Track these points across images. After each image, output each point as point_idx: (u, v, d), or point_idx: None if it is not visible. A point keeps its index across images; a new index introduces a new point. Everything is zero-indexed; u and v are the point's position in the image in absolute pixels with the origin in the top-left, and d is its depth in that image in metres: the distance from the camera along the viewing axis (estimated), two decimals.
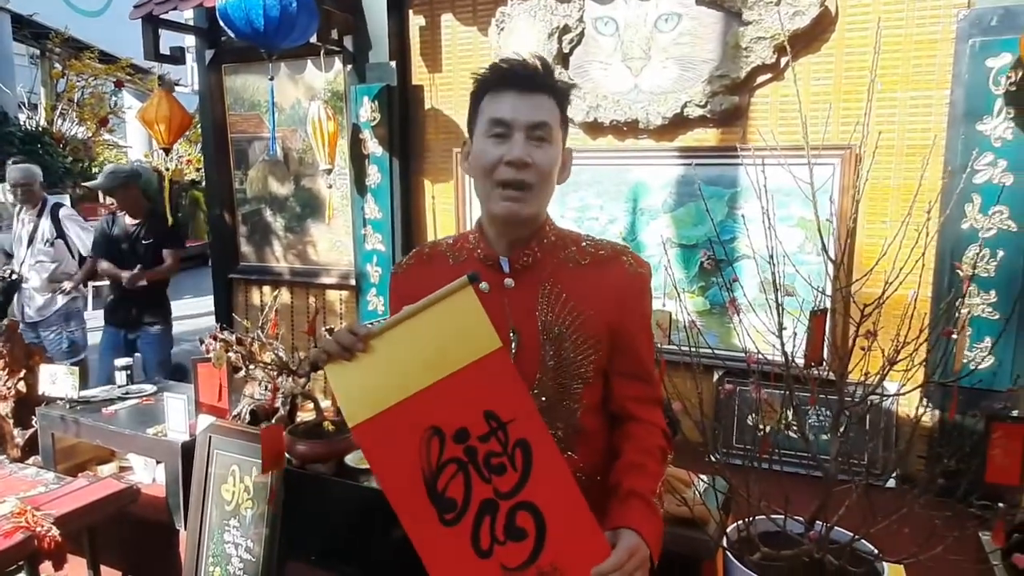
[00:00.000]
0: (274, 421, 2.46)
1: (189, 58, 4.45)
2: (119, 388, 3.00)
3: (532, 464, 1.10)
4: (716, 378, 2.79)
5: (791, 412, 1.70)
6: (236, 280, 4.24)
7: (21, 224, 4.23)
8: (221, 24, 2.95)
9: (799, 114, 2.60)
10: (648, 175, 2.99)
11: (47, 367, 2.93)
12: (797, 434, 1.71)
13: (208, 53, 4.02)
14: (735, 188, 2.81)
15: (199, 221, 13.57)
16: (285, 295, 4.01)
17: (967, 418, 2.30)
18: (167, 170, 6.13)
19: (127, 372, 3.05)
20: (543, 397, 1.24)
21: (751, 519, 1.67)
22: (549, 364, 1.24)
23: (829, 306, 1.79)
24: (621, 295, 1.26)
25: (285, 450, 2.18)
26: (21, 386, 2.90)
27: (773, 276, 1.64)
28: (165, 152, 4.11)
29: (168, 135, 3.77)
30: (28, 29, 10.19)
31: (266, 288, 4.15)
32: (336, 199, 3.73)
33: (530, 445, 1.10)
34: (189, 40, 4.25)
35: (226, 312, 4.22)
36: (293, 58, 3.69)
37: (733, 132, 2.84)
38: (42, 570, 2.09)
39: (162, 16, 3.58)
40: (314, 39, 3.27)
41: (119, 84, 10.08)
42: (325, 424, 2.30)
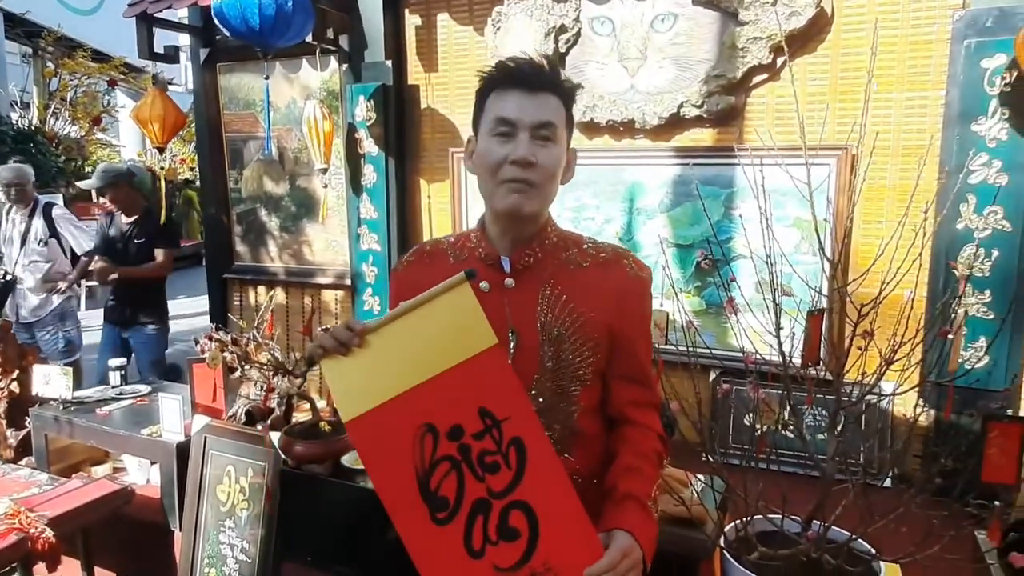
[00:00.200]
0: (269, 422, 2.45)
1: (183, 57, 4.43)
2: (113, 388, 2.98)
3: (526, 463, 1.08)
4: (712, 378, 2.79)
5: (788, 412, 1.70)
6: (231, 280, 4.23)
7: (12, 224, 4.20)
8: (216, 23, 2.94)
9: (795, 114, 2.61)
10: (644, 175, 2.99)
11: (40, 367, 2.91)
12: (794, 434, 1.71)
13: (203, 52, 4.01)
14: (731, 188, 2.82)
15: (193, 221, 13.53)
16: (280, 295, 4.00)
17: (963, 417, 2.31)
18: (161, 169, 6.10)
19: (121, 372, 3.03)
20: (540, 398, 1.24)
21: (749, 519, 1.67)
22: (547, 365, 1.23)
23: (826, 306, 1.79)
24: (621, 298, 1.25)
25: (280, 451, 2.18)
26: (14, 387, 2.88)
27: (771, 276, 1.64)
28: (159, 151, 4.10)
29: (162, 134, 3.76)
30: (20, 27, 10.11)
31: (261, 288, 4.14)
32: (331, 199, 3.72)
33: (524, 444, 1.09)
34: (183, 39, 4.23)
35: (221, 312, 4.20)
36: (288, 57, 3.68)
37: (729, 132, 2.84)
38: (36, 572, 2.08)
39: (157, 15, 3.57)
40: (310, 38, 3.27)
41: (112, 83, 10.02)
42: (321, 424, 2.29)
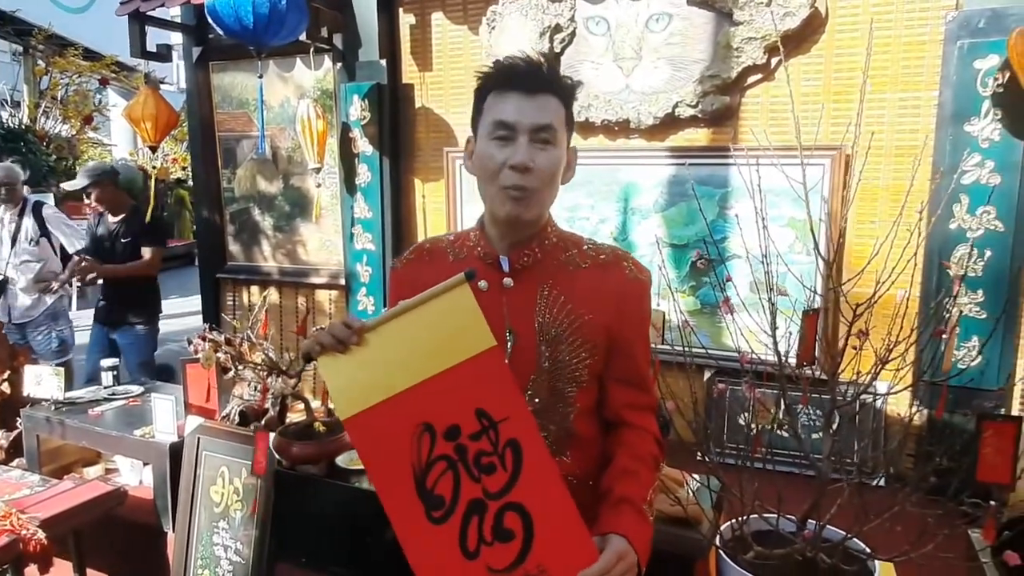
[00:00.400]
0: (264, 422, 2.44)
1: (175, 56, 4.41)
2: (105, 389, 2.96)
3: (522, 465, 1.09)
4: (707, 377, 2.80)
5: (784, 411, 1.70)
6: (224, 280, 4.21)
7: (2, 224, 4.16)
8: (209, 21, 2.92)
9: (789, 115, 2.62)
10: (639, 175, 3.00)
11: (32, 368, 2.90)
12: (790, 433, 1.72)
13: (195, 50, 3.99)
14: (726, 188, 2.82)
15: (185, 220, 13.47)
16: (274, 295, 3.99)
17: (956, 417, 2.33)
18: (153, 168, 6.07)
19: (113, 373, 3.01)
20: (536, 399, 1.24)
21: (744, 518, 1.67)
22: (544, 366, 1.23)
23: (821, 306, 1.79)
24: (620, 300, 1.25)
25: (275, 452, 2.17)
26: (5, 387, 2.87)
27: (767, 276, 1.64)
28: (151, 150, 4.08)
29: (155, 133, 3.74)
30: (11, 26, 10.03)
31: (254, 288, 4.12)
32: (325, 198, 3.71)
33: (521, 446, 1.09)
34: (176, 37, 4.21)
35: (214, 312, 4.18)
36: (282, 56, 3.67)
37: (724, 132, 2.85)
38: (27, 574, 2.07)
39: (149, 13, 3.54)
40: (303, 37, 3.26)
41: (104, 82, 9.96)
42: (316, 425, 2.28)
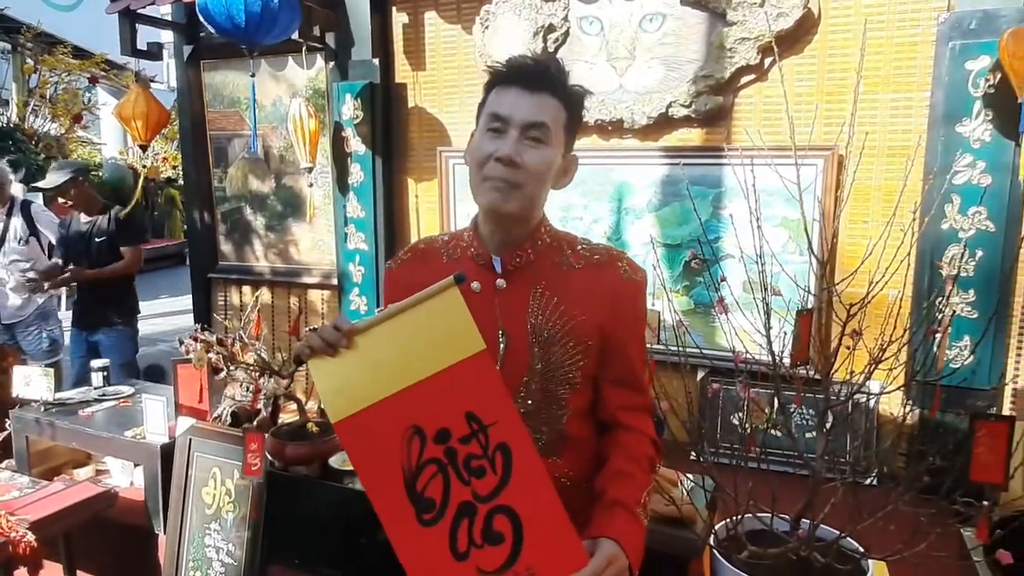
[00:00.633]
0: (256, 423, 2.43)
1: (166, 54, 4.38)
2: (95, 390, 2.94)
3: (512, 468, 1.09)
4: (701, 377, 2.80)
5: (778, 411, 1.70)
6: (215, 280, 4.18)
7: None
8: (201, 19, 2.90)
9: (783, 115, 2.63)
10: (632, 175, 3.00)
11: (21, 368, 2.87)
12: (783, 433, 1.72)
13: (187, 49, 3.96)
14: (719, 188, 2.83)
15: (175, 219, 13.41)
16: (266, 295, 3.97)
17: (947, 416, 2.34)
18: (143, 167, 6.03)
19: (104, 374, 2.99)
20: (529, 400, 1.23)
21: (738, 518, 1.67)
22: (537, 367, 1.22)
23: (815, 305, 1.80)
24: (614, 301, 1.24)
25: (267, 453, 2.15)
26: None
27: (761, 276, 1.65)
28: (142, 149, 4.05)
29: (145, 132, 3.71)
30: None
31: (246, 288, 4.10)
32: (318, 198, 3.69)
33: (511, 449, 1.09)
34: (166, 35, 4.18)
35: (205, 312, 4.16)
36: (274, 55, 3.65)
37: (717, 132, 2.85)
38: None
39: (140, 11, 3.52)
40: (296, 35, 3.24)
41: (93, 80, 9.87)
42: (309, 425, 2.27)
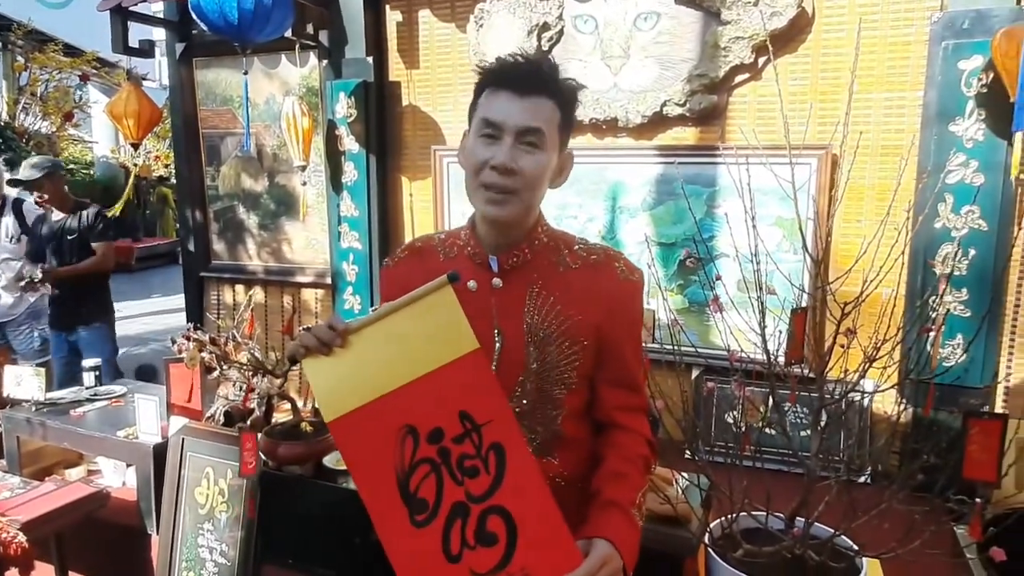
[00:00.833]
0: (249, 422, 2.42)
1: (158, 52, 4.35)
2: (87, 389, 2.92)
3: (505, 468, 1.09)
4: (695, 376, 2.80)
5: (772, 409, 1.71)
6: (208, 279, 4.16)
7: None
8: (193, 17, 2.88)
9: (777, 114, 2.63)
10: (627, 174, 3.00)
11: (12, 368, 2.85)
12: (778, 431, 1.73)
13: (179, 46, 3.93)
14: (713, 187, 2.83)
15: (167, 218, 13.35)
16: (259, 294, 3.95)
17: (940, 414, 2.35)
18: (135, 166, 6.00)
19: (96, 373, 2.97)
20: (524, 400, 1.22)
21: (733, 516, 1.68)
22: (532, 367, 1.22)
23: (810, 304, 1.80)
24: (610, 301, 1.24)
25: (261, 452, 2.14)
26: None
27: (756, 275, 1.65)
28: (133, 147, 4.02)
29: (137, 130, 3.69)
30: None
31: (239, 287, 4.08)
32: (311, 196, 3.68)
33: (504, 449, 1.09)
34: (159, 33, 4.16)
35: (198, 311, 4.14)
36: (267, 52, 3.63)
37: (712, 131, 2.86)
38: None
39: (131, 8, 3.49)
40: (289, 33, 3.22)
41: (84, 78, 9.82)
42: (303, 425, 2.26)
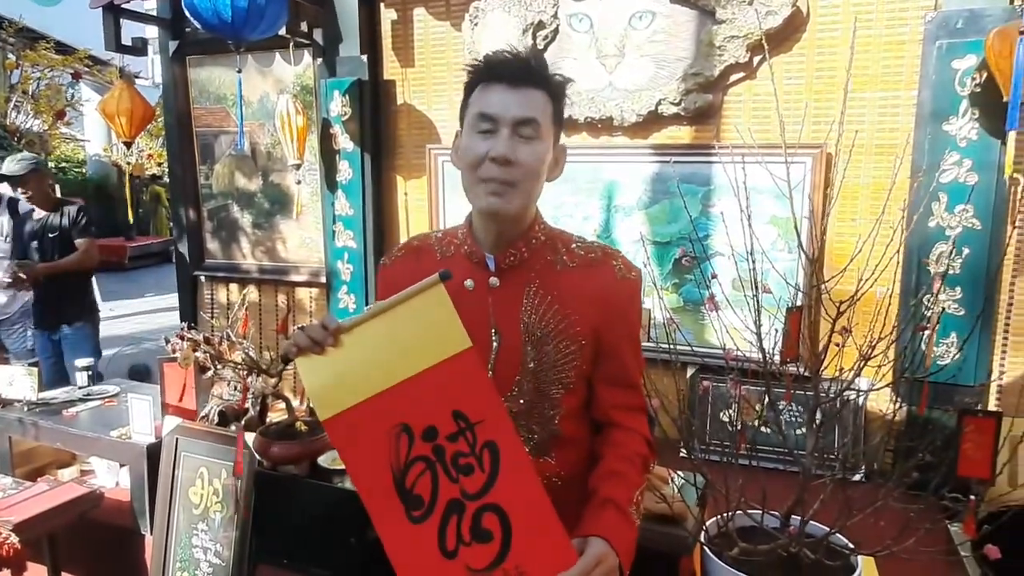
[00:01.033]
0: (244, 422, 2.41)
1: (151, 49, 4.33)
2: (80, 389, 2.91)
3: (499, 466, 1.09)
4: (690, 374, 2.81)
5: (768, 408, 1.71)
6: (202, 278, 4.15)
7: None
8: (187, 15, 2.87)
9: (771, 113, 2.63)
10: (622, 172, 3.00)
11: (4, 368, 2.83)
12: (774, 430, 1.73)
13: (172, 44, 3.91)
14: (709, 186, 2.83)
15: (161, 217, 13.30)
16: (253, 293, 3.94)
17: (934, 412, 2.35)
18: (128, 165, 5.97)
19: (89, 373, 2.96)
20: (522, 400, 1.22)
21: (729, 514, 1.68)
22: (529, 366, 1.22)
23: (805, 303, 1.80)
24: (608, 300, 1.24)
25: (256, 452, 2.14)
26: None
27: (752, 273, 1.65)
28: (126, 146, 4.00)
29: (130, 128, 3.67)
30: None
31: (233, 286, 4.06)
32: (305, 195, 3.66)
33: (498, 447, 1.09)
34: (151, 30, 4.13)
35: (191, 310, 4.12)
36: (261, 50, 3.62)
37: (707, 130, 2.86)
38: None
39: (124, 5, 3.47)
40: (283, 31, 3.21)
41: (76, 76, 9.75)
42: (297, 424, 2.26)
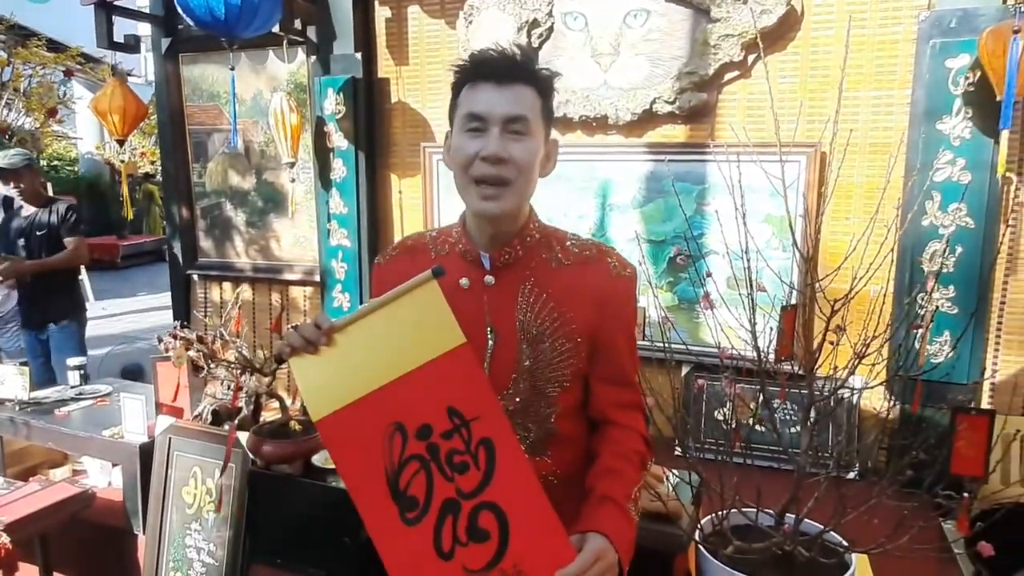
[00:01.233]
0: (237, 421, 2.40)
1: (143, 47, 4.30)
2: (72, 388, 2.89)
3: (495, 464, 1.08)
4: (685, 373, 2.81)
5: (762, 406, 1.71)
6: (195, 276, 4.13)
7: None
8: (180, 12, 2.85)
9: (766, 111, 2.64)
10: (617, 171, 3.00)
11: None
12: (768, 428, 1.73)
13: (165, 41, 3.89)
14: (704, 184, 2.84)
15: (154, 215, 13.25)
16: (247, 292, 3.92)
17: (928, 410, 2.36)
18: (121, 163, 5.94)
19: (81, 372, 2.94)
20: (518, 398, 1.22)
21: (724, 513, 1.68)
22: (525, 364, 1.22)
23: (800, 301, 1.81)
24: (603, 298, 1.23)
25: (249, 451, 2.13)
26: None
27: (747, 272, 1.65)
28: (119, 144, 3.98)
29: (122, 126, 3.65)
30: None
31: (227, 284, 4.05)
32: (299, 193, 3.65)
33: (494, 444, 1.08)
34: (144, 28, 4.11)
35: (184, 309, 4.10)
36: (255, 48, 3.60)
37: (701, 129, 2.86)
38: None
39: (116, 3, 3.46)
40: (277, 29, 3.19)
41: (68, 73, 9.71)
42: (291, 424, 2.25)
